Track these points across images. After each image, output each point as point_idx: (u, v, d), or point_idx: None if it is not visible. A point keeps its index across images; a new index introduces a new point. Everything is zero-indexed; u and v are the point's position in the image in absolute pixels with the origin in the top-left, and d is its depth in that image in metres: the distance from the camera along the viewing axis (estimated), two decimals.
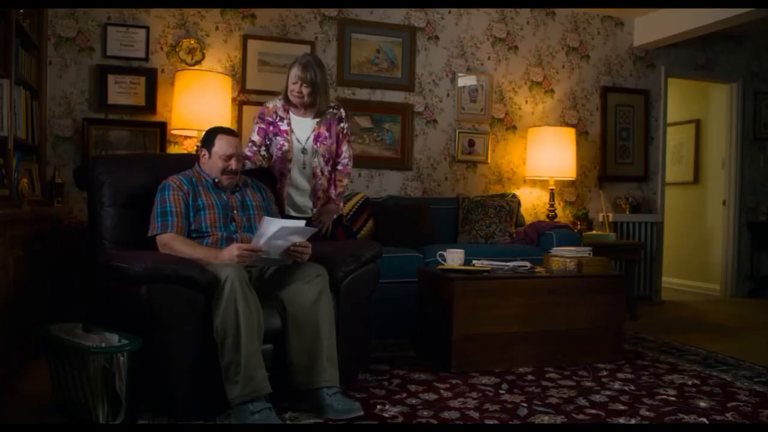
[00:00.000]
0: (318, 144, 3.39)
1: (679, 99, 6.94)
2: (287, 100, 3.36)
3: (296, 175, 3.40)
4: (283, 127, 3.38)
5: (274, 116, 3.39)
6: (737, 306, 5.84)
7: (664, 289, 6.12)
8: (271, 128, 3.39)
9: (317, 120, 3.40)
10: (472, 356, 3.26)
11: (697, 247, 6.83)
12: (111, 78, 4.35)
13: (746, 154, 6.43)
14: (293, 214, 3.40)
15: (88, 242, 3.04)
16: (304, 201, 3.44)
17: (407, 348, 3.73)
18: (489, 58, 5.34)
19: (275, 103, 3.42)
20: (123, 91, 4.37)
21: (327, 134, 3.40)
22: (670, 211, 6.44)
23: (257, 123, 3.42)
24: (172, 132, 4.39)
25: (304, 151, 3.38)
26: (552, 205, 5.17)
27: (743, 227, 6.40)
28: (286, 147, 3.36)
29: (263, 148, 3.42)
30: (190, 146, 4.45)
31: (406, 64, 5.09)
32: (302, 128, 3.40)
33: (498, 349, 3.31)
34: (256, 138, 3.41)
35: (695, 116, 6.99)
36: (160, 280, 2.38)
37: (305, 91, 3.27)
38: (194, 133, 4.30)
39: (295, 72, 3.26)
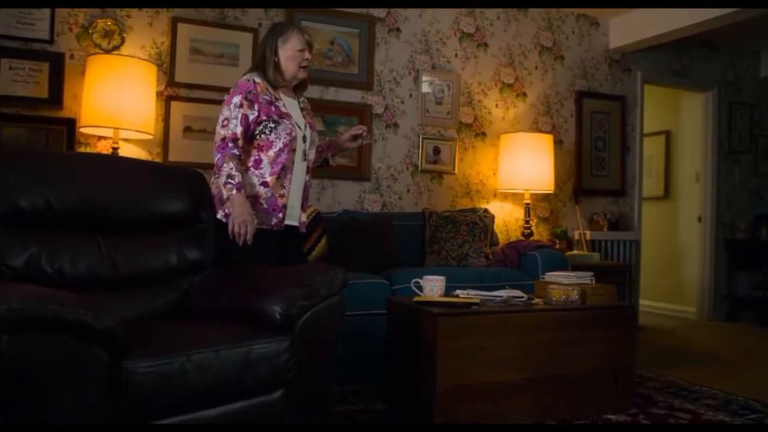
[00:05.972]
0: (313, 132, 2.77)
1: (649, 108, 6.50)
2: (276, 79, 2.66)
3: (298, 171, 2.70)
4: (284, 109, 2.65)
5: (269, 95, 2.63)
6: (720, 331, 5.38)
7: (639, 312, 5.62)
8: (273, 109, 2.60)
9: (298, 102, 2.80)
10: (460, 411, 2.60)
11: (670, 266, 6.37)
12: (5, 62, 3.51)
13: (721, 167, 6.03)
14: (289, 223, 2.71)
15: None
16: (298, 207, 2.75)
17: (373, 397, 3.03)
18: (456, 55, 4.73)
19: (258, 80, 2.61)
20: (20, 80, 3.54)
21: (311, 122, 2.82)
22: (642, 228, 5.97)
23: (239, 107, 2.54)
24: (82, 131, 3.58)
25: (305, 139, 2.71)
26: (528, 222, 4.58)
27: (720, 245, 5.99)
28: (294, 133, 2.64)
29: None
30: (104, 148, 3.66)
31: (363, 59, 4.42)
32: (296, 112, 2.74)
33: (491, 401, 2.65)
34: (239, 130, 2.53)
35: (665, 127, 6.57)
36: (33, 325, 1.62)
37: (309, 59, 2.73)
38: (110, 133, 3.51)
39: (299, 37, 2.66)
